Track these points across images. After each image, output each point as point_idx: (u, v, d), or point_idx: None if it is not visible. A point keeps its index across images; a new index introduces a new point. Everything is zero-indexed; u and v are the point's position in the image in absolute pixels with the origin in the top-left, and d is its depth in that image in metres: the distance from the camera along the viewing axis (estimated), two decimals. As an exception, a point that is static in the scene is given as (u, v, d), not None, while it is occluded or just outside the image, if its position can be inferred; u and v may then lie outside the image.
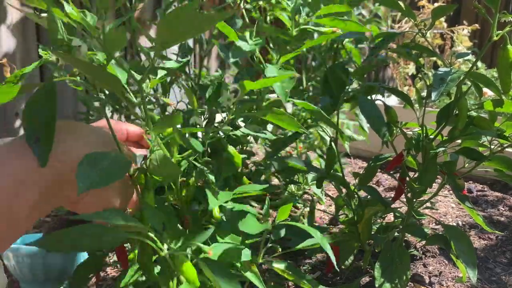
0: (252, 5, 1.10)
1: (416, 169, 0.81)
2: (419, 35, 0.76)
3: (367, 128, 1.10)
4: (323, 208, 1.39)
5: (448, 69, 0.70)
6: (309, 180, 1.29)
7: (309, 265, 1.01)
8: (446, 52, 2.79)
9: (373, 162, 0.87)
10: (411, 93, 2.62)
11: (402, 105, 1.09)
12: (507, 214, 1.35)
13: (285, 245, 1.05)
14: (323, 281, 0.95)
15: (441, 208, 1.41)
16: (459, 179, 0.77)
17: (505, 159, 0.76)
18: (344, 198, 0.99)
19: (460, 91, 0.74)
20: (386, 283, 0.74)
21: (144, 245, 0.51)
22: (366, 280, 0.94)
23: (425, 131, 0.80)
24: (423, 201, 0.87)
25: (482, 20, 3.00)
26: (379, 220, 1.02)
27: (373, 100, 0.88)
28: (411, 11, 0.73)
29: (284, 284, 0.90)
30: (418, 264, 1.02)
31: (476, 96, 1.37)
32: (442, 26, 2.64)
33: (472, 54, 2.72)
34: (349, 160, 2.01)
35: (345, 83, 0.83)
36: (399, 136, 0.85)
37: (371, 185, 0.89)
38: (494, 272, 1.00)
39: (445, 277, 0.96)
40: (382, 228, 0.91)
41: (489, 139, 0.76)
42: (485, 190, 1.60)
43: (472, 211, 0.75)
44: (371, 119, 0.82)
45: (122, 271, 0.61)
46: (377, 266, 0.76)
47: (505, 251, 1.09)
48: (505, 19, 0.66)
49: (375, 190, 0.85)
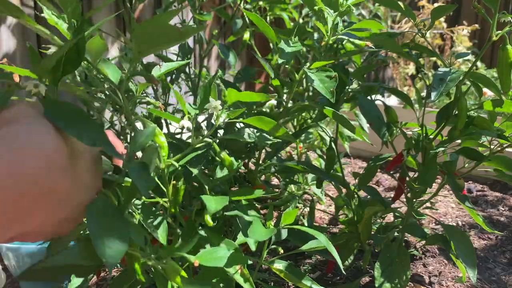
0: (252, 5, 1.10)
1: (416, 169, 0.81)
2: (419, 35, 0.76)
3: (367, 128, 1.10)
4: (323, 208, 1.39)
5: (448, 69, 0.70)
6: (309, 180, 1.29)
7: (309, 265, 1.01)
8: (446, 52, 2.80)
9: (373, 162, 0.87)
10: (411, 93, 2.63)
11: (402, 105, 1.09)
12: (507, 214, 1.35)
13: (286, 245, 1.05)
14: (323, 281, 0.95)
15: (441, 208, 1.41)
16: (459, 179, 0.77)
17: (505, 159, 0.76)
18: (344, 198, 0.99)
19: (459, 91, 0.74)
20: (386, 283, 0.74)
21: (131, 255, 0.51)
22: (366, 280, 0.94)
23: (425, 131, 0.80)
24: (423, 201, 0.87)
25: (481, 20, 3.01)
26: (379, 220, 1.02)
27: (373, 100, 0.89)
28: (411, 11, 0.73)
29: (284, 284, 0.90)
30: (418, 264, 1.02)
31: (476, 96, 1.37)
32: (442, 26, 2.64)
33: (471, 54, 2.73)
34: (349, 160, 2.01)
35: (345, 83, 0.83)
36: (399, 136, 0.85)
37: (371, 185, 0.89)
38: (494, 272, 1.00)
39: (445, 277, 0.96)
40: (382, 228, 0.91)
41: (489, 139, 0.76)
42: (485, 190, 1.60)
43: (472, 211, 0.75)
44: (371, 119, 0.82)
45: (122, 271, 0.61)
46: (377, 266, 0.76)
47: (505, 251, 1.10)
48: (505, 19, 0.66)
49: (375, 190, 0.86)
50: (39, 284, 0.90)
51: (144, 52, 0.43)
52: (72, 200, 0.41)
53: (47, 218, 0.39)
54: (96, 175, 0.45)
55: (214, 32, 1.16)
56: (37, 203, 0.37)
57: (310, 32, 1.04)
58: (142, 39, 0.41)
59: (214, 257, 0.52)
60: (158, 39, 0.41)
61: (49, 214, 0.39)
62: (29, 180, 0.35)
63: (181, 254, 0.48)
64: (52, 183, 0.37)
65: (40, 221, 0.38)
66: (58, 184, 0.37)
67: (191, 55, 1.13)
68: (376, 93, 0.94)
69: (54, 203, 0.38)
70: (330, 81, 0.65)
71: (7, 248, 0.89)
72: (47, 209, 0.38)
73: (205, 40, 1.14)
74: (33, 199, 0.36)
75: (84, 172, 0.42)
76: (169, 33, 0.40)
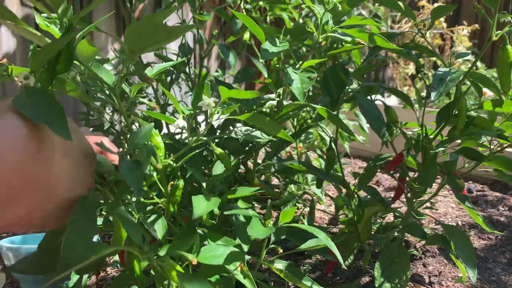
0: (252, 5, 1.10)
1: (416, 169, 0.81)
2: (419, 35, 0.76)
3: (367, 128, 1.10)
4: (323, 208, 1.39)
5: (448, 69, 0.70)
6: (309, 180, 1.29)
7: (309, 265, 1.01)
8: (446, 52, 2.80)
9: (373, 162, 0.87)
10: (411, 93, 2.63)
11: (402, 105, 1.09)
12: (507, 214, 1.35)
13: (286, 245, 1.05)
14: (323, 281, 0.95)
15: (441, 208, 1.41)
16: (459, 179, 0.77)
17: (505, 159, 0.76)
18: (344, 198, 0.99)
19: (459, 91, 0.74)
20: (386, 283, 0.74)
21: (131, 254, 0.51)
22: (366, 280, 0.94)
23: (425, 131, 0.80)
24: (423, 201, 0.87)
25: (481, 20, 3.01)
26: (379, 220, 1.02)
27: (373, 100, 0.89)
28: (411, 11, 0.73)
29: (285, 283, 0.90)
30: (418, 264, 1.02)
31: (476, 96, 1.37)
32: (442, 26, 2.64)
33: (471, 54, 2.73)
34: (349, 160, 2.01)
35: (345, 83, 0.83)
36: (399, 136, 0.85)
37: (371, 185, 0.89)
38: (494, 272, 1.00)
39: (444, 277, 0.96)
40: (382, 228, 0.91)
41: (489, 139, 0.76)
42: (485, 190, 1.60)
43: (472, 211, 0.75)
44: (371, 119, 0.82)
45: (122, 270, 0.61)
46: (377, 266, 0.76)
47: (505, 251, 1.10)
48: (505, 19, 0.66)
49: (375, 190, 0.86)
50: (39, 284, 0.90)
51: (136, 51, 0.43)
52: (59, 193, 0.41)
53: (34, 207, 0.39)
54: (87, 171, 0.45)
55: (214, 32, 1.16)
56: (21, 191, 0.37)
57: (310, 32, 1.04)
58: (133, 38, 0.41)
59: (213, 255, 0.52)
60: (149, 38, 0.41)
61: (36, 204, 0.39)
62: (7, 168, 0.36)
63: (180, 252, 0.48)
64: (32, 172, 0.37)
65: (26, 210, 0.39)
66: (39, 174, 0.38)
67: (191, 55, 1.13)
68: (376, 93, 0.94)
69: (40, 193, 0.39)
70: (309, 82, 0.65)
71: (7, 248, 0.89)
72: (33, 198, 0.38)
73: (205, 40, 1.14)
74: (15, 186, 0.36)
75: (74, 167, 0.42)
76: (159, 32, 0.40)
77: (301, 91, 0.63)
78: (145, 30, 0.40)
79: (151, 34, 0.41)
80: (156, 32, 0.40)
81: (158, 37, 0.41)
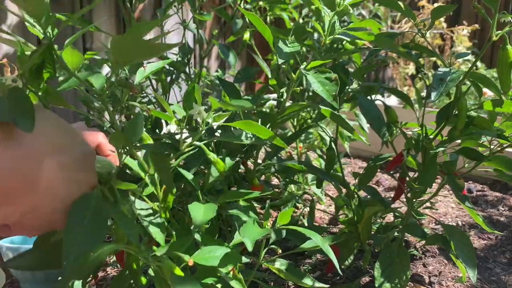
0: (252, 5, 1.10)
1: (416, 169, 0.81)
2: (419, 35, 0.76)
3: (367, 128, 1.10)
4: (323, 208, 1.39)
5: (448, 69, 0.70)
6: (309, 180, 1.29)
7: (309, 265, 1.01)
8: (446, 52, 2.80)
9: (373, 162, 0.87)
10: (411, 93, 2.63)
11: (402, 105, 1.09)
12: (507, 214, 1.35)
13: (286, 245, 1.05)
14: (323, 281, 0.95)
15: (441, 208, 1.41)
16: (459, 179, 0.77)
17: (505, 159, 0.76)
18: (344, 198, 0.99)
19: (459, 91, 0.74)
20: (386, 283, 0.74)
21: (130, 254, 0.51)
22: (366, 280, 0.94)
23: (425, 131, 0.80)
24: (423, 201, 0.87)
25: (481, 20, 3.01)
26: (379, 220, 1.02)
27: (373, 100, 0.89)
28: (411, 11, 0.73)
29: (285, 283, 0.90)
30: (418, 264, 1.02)
31: (476, 96, 1.37)
32: (442, 26, 2.64)
33: (471, 54, 2.73)
34: (349, 160, 2.01)
35: (345, 83, 0.83)
36: (399, 136, 0.85)
37: (371, 185, 0.89)
38: (494, 272, 1.00)
39: (444, 277, 0.96)
40: (382, 228, 0.91)
41: (489, 139, 0.76)
42: (485, 190, 1.60)
43: (472, 211, 0.75)
44: (371, 119, 0.82)
45: (121, 271, 0.61)
46: (377, 266, 0.76)
47: (505, 251, 1.10)
48: (505, 19, 0.66)
49: (375, 190, 0.86)
50: (39, 284, 0.90)
51: (121, 63, 0.43)
52: (59, 193, 0.41)
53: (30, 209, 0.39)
54: (88, 170, 0.45)
55: (214, 32, 1.16)
56: (17, 191, 0.37)
57: (310, 32, 1.04)
58: (118, 51, 0.41)
59: (211, 256, 0.52)
60: (132, 53, 0.41)
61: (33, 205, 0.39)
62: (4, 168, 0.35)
63: (176, 253, 0.48)
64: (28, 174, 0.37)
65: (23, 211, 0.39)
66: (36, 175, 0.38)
67: (191, 55, 1.13)
68: (376, 93, 0.94)
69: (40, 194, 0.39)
70: (331, 84, 0.64)
71: (7, 248, 0.89)
72: (32, 199, 0.38)
73: (205, 40, 1.14)
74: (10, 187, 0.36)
75: (74, 167, 0.42)
76: (141, 48, 0.40)
77: (328, 94, 0.62)
78: (128, 46, 0.40)
79: (134, 49, 0.40)
80: (139, 47, 0.40)
81: (141, 52, 0.41)
